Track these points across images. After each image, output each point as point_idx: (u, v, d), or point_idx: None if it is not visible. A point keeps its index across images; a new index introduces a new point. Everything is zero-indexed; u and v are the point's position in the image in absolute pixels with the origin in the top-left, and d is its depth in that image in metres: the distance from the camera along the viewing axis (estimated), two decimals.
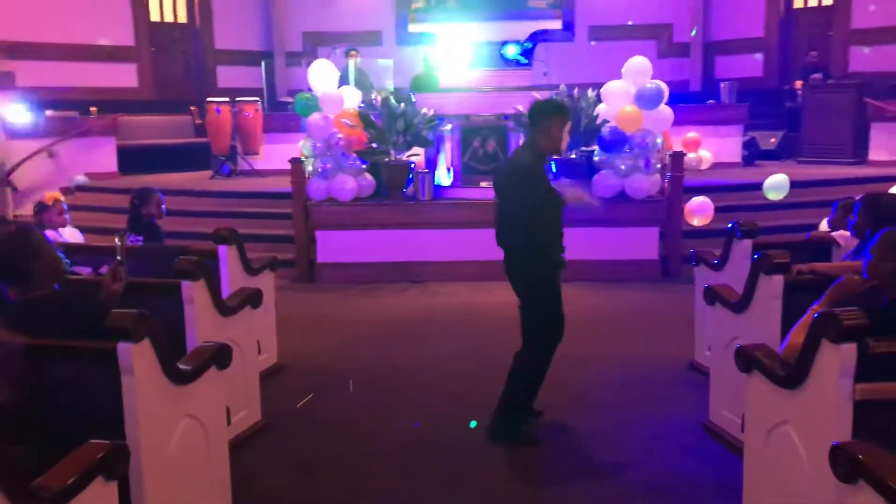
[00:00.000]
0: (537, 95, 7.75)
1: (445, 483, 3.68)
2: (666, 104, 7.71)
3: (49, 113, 10.48)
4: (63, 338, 2.85)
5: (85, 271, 4.60)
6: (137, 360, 2.70)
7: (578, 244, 7.41)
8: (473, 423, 3.97)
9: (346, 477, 3.75)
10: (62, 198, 5.89)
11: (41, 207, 5.80)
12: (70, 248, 4.72)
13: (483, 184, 7.95)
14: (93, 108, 10.95)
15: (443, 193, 7.95)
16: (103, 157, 10.59)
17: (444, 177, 8.05)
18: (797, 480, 2.74)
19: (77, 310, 3.03)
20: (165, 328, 2.87)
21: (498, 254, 7.53)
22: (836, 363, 2.55)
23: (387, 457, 3.96)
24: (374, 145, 7.92)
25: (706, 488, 3.59)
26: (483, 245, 7.56)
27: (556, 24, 13.74)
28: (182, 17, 13.88)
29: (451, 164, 8.03)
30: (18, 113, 10.09)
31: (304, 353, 5.60)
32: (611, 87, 7.64)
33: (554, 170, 7.45)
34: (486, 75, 9.08)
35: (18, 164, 10.04)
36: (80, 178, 10.17)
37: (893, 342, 2.58)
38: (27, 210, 9.34)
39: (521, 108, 7.65)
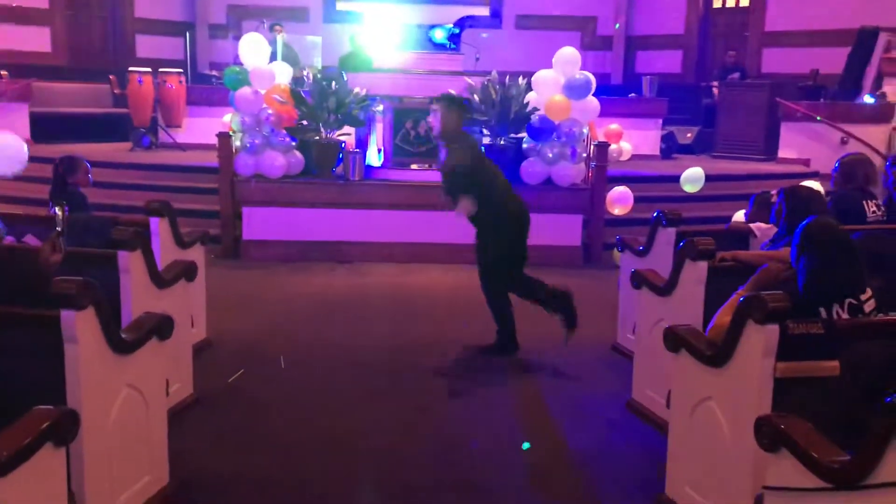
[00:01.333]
0: (469, 81, 7.88)
1: (376, 460, 3.74)
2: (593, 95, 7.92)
3: None
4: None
5: (9, 240, 4.44)
6: (81, 328, 2.67)
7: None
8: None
9: (279, 453, 3.76)
10: None
11: None
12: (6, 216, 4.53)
13: (414, 166, 8.02)
14: (2, 72, 10.45)
15: (373, 174, 7.97)
16: (16, 123, 10.07)
17: (374, 157, 8.06)
18: (719, 451, 2.93)
19: (11, 276, 2.96)
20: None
21: (425, 237, 7.67)
22: (760, 343, 2.74)
23: (319, 434, 3.99)
24: (305, 123, 7.87)
25: (633, 460, 3.78)
26: (412, 227, 7.70)
27: (484, 11, 13.82)
28: None
29: (383, 145, 8.05)
30: None
31: (233, 329, 5.55)
32: (541, 76, 7.80)
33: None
34: (417, 58, 9.11)
35: None
36: None
37: (810, 324, 2.79)
38: None
39: (453, 92, 7.73)
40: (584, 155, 8.01)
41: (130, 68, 10.86)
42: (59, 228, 3.19)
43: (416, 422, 4.17)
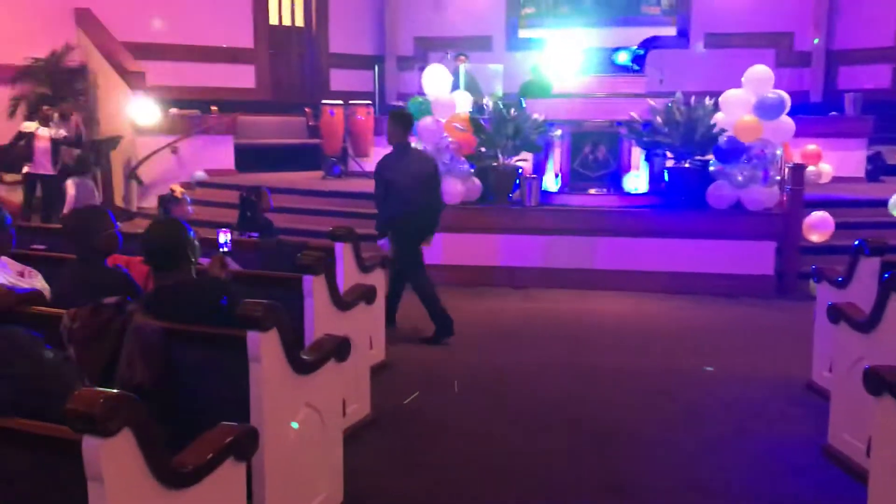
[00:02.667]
0: (652, 102, 7.66)
1: (542, 489, 3.67)
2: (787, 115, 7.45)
3: (173, 111, 11.01)
4: (191, 323, 3.00)
5: (206, 262, 4.81)
6: (265, 348, 2.81)
7: (687, 256, 7.35)
8: None
9: (448, 477, 3.78)
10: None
11: (169, 199, 6.11)
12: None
13: (591, 191, 7.90)
14: (213, 108, 11.44)
15: (550, 199, 7.92)
16: (222, 154, 11.04)
17: (551, 182, 8.02)
18: None
19: (206, 298, 3.18)
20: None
21: (601, 263, 7.51)
22: None
23: (487, 459, 3.98)
24: (483, 150, 7.97)
25: None
26: (588, 252, 7.57)
27: (671, 31, 13.41)
28: (299, 21, 14.35)
29: (560, 170, 8.00)
30: (146, 111, 10.64)
31: (409, 351, 5.68)
32: (730, 96, 7.45)
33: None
34: (597, 81, 8.98)
35: (144, 160, 10.60)
36: (200, 174, 10.63)
37: None
38: (151, 203, 9.87)
39: (634, 114, 7.56)
40: (778, 178, 7.53)
41: (323, 101, 11.54)
42: (225, 249, 3.40)
43: (587, 455, 4.05)
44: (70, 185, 8.52)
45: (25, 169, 9.21)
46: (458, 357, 5.63)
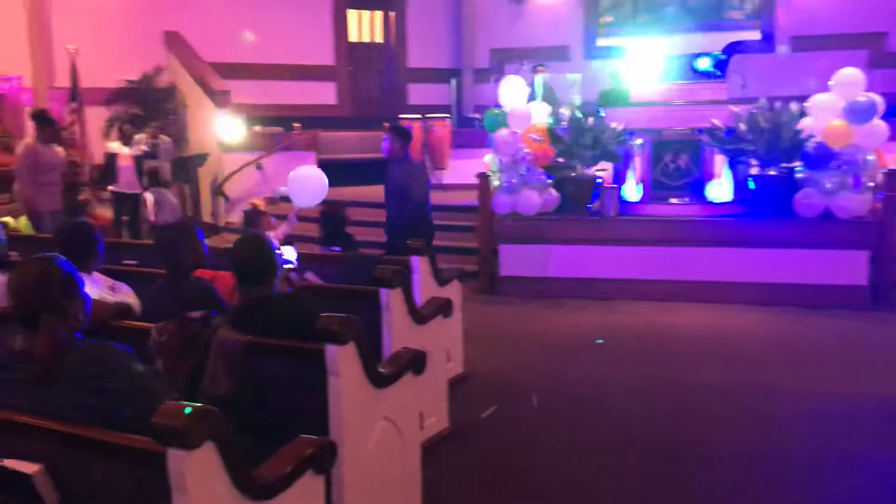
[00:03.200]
0: (735, 109, 7.47)
1: None
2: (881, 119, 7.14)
3: (256, 128, 11.32)
4: (273, 337, 3.07)
5: (292, 277, 4.91)
6: (343, 362, 2.85)
7: (774, 266, 7.11)
8: None
9: (525, 492, 3.75)
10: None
11: (253, 213, 6.27)
12: None
13: (673, 200, 7.74)
14: (296, 125, 11.73)
15: (629, 209, 7.80)
16: None
17: (631, 192, 7.90)
18: None
19: (287, 312, 3.25)
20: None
21: (683, 274, 7.35)
22: None
23: (566, 474, 3.93)
24: (561, 160, 7.91)
25: None
26: (669, 263, 7.41)
27: (754, 35, 13.10)
28: (378, 38, 14.59)
29: (640, 180, 7.87)
30: (231, 129, 11.00)
31: (488, 364, 5.67)
32: (817, 101, 7.18)
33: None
34: (678, 89, 8.85)
35: (230, 176, 10.94)
36: (284, 190, 10.86)
37: None
38: (237, 218, 10.17)
39: (717, 122, 7.39)
40: (871, 184, 7.21)
41: (401, 115, 11.67)
42: (291, 265, 3.46)
43: (668, 473, 3.95)
44: (148, 198, 8.86)
45: (111, 188, 9.60)
46: (538, 370, 5.59)
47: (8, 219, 7.86)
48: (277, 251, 3.40)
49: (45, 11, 11.24)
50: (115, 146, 9.65)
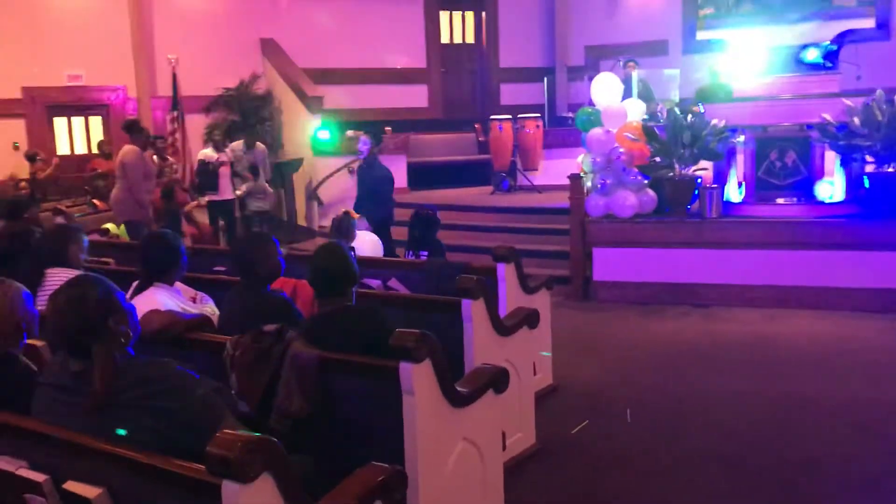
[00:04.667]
0: (848, 102, 6.95)
1: None
2: None
3: (349, 133, 11.37)
4: (348, 352, 2.95)
5: (374, 283, 4.82)
6: (418, 380, 2.71)
7: (891, 270, 6.56)
8: None
9: None
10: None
11: (342, 220, 6.20)
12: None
13: (780, 200, 7.28)
14: (387, 128, 11.72)
15: (732, 210, 7.37)
16: (395, 173, 11.22)
17: (734, 192, 7.46)
18: None
19: (361, 326, 3.13)
20: (444, 345, 2.85)
21: (793, 279, 6.89)
22: None
23: (662, 497, 3.66)
24: (658, 159, 7.55)
25: None
26: (778, 267, 6.96)
27: (868, 23, 12.28)
28: (470, 38, 14.46)
29: (744, 179, 7.43)
30: (325, 133, 11.09)
31: (579, 374, 5.42)
32: None
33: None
34: (784, 82, 8.28)
35: (323, 181, 11.03)
36: None
37: None
38: (327, 223, 10.22)
39: (827, 116, 6.89)
40: None
41: (492, 116, 11.50)
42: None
43: (776, 498, 3.62)
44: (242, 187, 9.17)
45: (208, 195, 9.77)
46: (632, 382, 5.30)
47: (109, 225, 8.12)
48: (354, 260, 3.29)
49: (148, 23, 11.63)
50: (208, 153, 9.87)
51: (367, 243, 6.04)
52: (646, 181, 7.54)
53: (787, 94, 7.62)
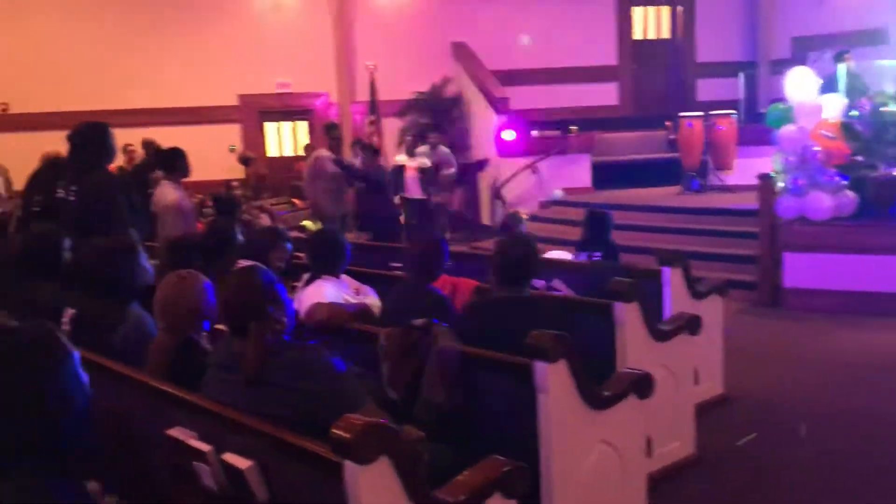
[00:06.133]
0: None
1: None
2: None
3: (534, 133, 11.46)
4: (499, 344, 3.03)
5: (539, 283, 4.86)
6: (552, 379, 2.75)
7: None
8: None
9: None
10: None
11: (514, 221, 6.31)
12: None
13: None
14: (573, 128, 11.67)
15: None
16: (579, 172, 11.20)
17: None
18: None
19: (520, 318, 3.21)
20: (596, 348, 2.87)
21: None
22: None
23: None
24: (859, 158, 6.98)
25: None
26: None
27: None
28: (665, 33, 14.06)
29: None
30: (510, 134, 11.26)
31: (756, 385, 5.15)
32: None
33: None
34: None
35: (507, 180, 11.19)
36: (558, 193, 10.90)
37: None
38: None
39: None
40: None
41: (681, 113, 11.10)
42: None
43: None
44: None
45: (400, 195, 10.27)
46: (813, 396, 4.96)
47: (307, 222, 8.77)
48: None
49: (349, 33, 12.38)
50: (402, 158, 10.32)
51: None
52: (844, 182, 6.99)
53: None
